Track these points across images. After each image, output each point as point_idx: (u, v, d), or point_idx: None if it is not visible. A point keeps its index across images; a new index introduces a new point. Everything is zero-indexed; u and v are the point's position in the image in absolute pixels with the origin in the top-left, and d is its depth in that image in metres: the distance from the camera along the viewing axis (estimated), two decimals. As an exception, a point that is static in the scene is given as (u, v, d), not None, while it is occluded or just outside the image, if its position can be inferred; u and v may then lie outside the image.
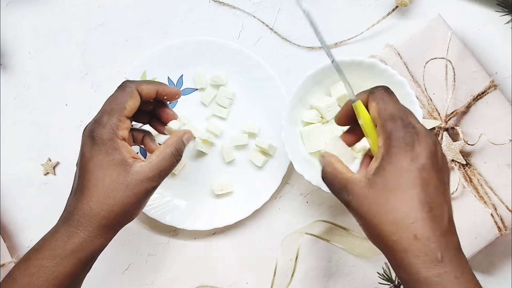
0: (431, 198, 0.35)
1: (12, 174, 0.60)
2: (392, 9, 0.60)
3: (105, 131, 0.42)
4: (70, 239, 0.40)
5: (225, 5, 0.60)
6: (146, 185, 0.42)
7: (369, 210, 0.36)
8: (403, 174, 0.35)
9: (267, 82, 0.58)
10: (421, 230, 0.34)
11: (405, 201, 0.35)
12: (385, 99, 0.38)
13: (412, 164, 0.36)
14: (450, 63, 0.56)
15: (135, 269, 0.60)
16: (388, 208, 0.35)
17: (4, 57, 0.60)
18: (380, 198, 0.36)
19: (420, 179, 0.35)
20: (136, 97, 0.44)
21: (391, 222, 0.35)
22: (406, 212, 0.35)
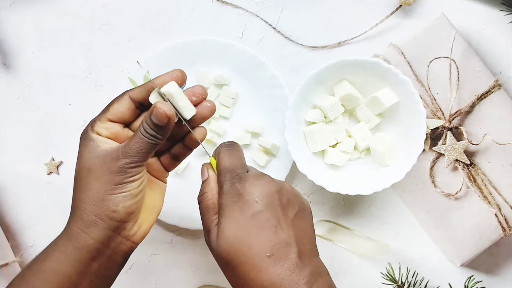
0: (270, 242, 0.36)
1: (16, 174, 0.60)
2: (395, 8, 0.59)
3: (88, 127, 0.42)
4: (59, 235, 0.40)
5: (228, 4, 0.60)
6: (110, 165, 0.39)
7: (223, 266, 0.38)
8: (237, 225, 0.37)
9: (270, 81, 0.58)
10: (266, 277, 0.36)
11: (246, 252, 0.36)
12: (220, 155, 0.41)
13: (243, 214, 0.37)
14: (454, 62, 0.56)
15: (138, 268, 0.60)
16: (236, 263, 0.36)
17: (8, 56, 0.60)
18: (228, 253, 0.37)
19: (255, 227, 0.36)
20: (124, 101, 0.42)
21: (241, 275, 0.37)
22: (250, 263, 0.36)
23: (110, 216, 0.39)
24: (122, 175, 0.39)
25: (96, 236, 0.39)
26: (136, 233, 0.42)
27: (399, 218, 0.60)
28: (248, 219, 0.37)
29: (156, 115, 0.39)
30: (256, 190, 0.38)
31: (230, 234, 0.37)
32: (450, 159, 0.56)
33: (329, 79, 0.55)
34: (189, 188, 0.59)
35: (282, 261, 0.36)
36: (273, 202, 0.38)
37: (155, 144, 0.40)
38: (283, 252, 0.36)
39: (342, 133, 0.56)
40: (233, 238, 0.37)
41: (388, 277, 0.56)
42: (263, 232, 0.36)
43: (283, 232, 0.37)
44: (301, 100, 0.54)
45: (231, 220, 0.37)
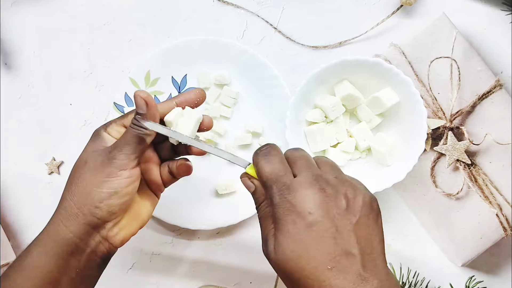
0: (330, 254, 0.34)
1: (17, 173, 0.60)
2: (396, 8, 0.59)
3: (102, 127, 0.43)
4: (45, 227, 0.40)
5: (229, 4, 0.60)
6: (103, 158, 0.39)
7: (284, 278, 0.36)
8: (294, 240, 0.34)
9: (271, 81, 0.58)
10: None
11: (306, 267, 0.34)
12: (259, 164, 0.38)
13: (298, 227, 0.34)
14: (455, 62, 0.56)
15: (139, 268, 0.60)
16: (297, 278, 0.34)
17: (9, 56, 0.60)
18: (287, 266, 0.35)
19: (312, 239, 0.34)
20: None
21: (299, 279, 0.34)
22: (311, 278, 0.34)
23: (92, 211, 0.39)
24: (110, 166, 0.39)
25: (74, 230, 0.39)
26: (115, 235, 0.41)
27: (400, 218, 0.60)
28: (303, 232, 0.34)
29: (136, 102, 0.40)
30: (308, 200, 0.35)
31: (287, 248, 0.34)
32: (451, 159, 0.56)
33: (330, 79, 0.55)
34: (190, 188, 0.59)
35: (344, 273, 0.33)
36: (328, 210, 0.35)
37: (142, 136, 0.40)
38: (345, 264, 0.34)
39: (343, 133, 0.56)
40: (291, 252, 0.34)
41: (389, 277, 0.56)
42: (321, 244, 0.34)
43: (343, 242, 0.34)
44: (302, 100, 0.54)
45: (287, 234, 0.35)
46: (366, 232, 0.35)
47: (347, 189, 0.36)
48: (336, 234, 0.34)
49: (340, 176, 0.37)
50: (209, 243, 0.60)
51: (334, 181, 0.36)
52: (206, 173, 0.59)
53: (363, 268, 0.34)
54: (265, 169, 0.37)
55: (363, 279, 0.33)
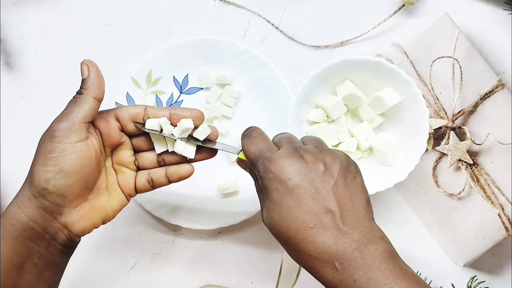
0: (310, 213, 0.36)
1: (17, 173, 0.60)
2: (398, 7, 0.59)
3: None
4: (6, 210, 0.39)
5: (230, 4, 0.60)
6: (45, 134, 0.40)
7: (278, 240, 0.39)
8: (278, 205, 0.37)
9: (272, 81, 0.58)
10: (312, 246, 0.36)
11: (291, 227, 0.37)
12: (245, 145, 0.42)
13: (282, 193, 0.37)
14: (457, 62, 0.56)
15: (140, 268, 0.60)
16: (285, 238, 0.37)
17: (11, 56, 0.60)
18: (276, 230, 0.38)
19: (294, 202, 0.37)
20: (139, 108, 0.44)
21: (292, 249, 0.37)
22: (296, 236, 0.36)
23: (41, 193, 0.38)
24: (52, 142, 0.39)
25: (29, 214, 0.39)
26: (75, 223, 0.40)
27: (401, 218, 0.60)
28: (286, 197, 0.37)
29: (81, 69, 0.42)
30: (287, 167, 0.38)
31: (274, 213, 0.38)
32: (453, 159, 0.56)
33: (332, 78, 0.54)
34: (192, 188, 0.59)
35: (325, 229, 0.36)
36: (307, 175, 0.37)
37: (79, 101, 0.40)
38: (325, 221, 0.36)
39: (345, 132, 0.56)
40: (277, 216, 0.37)
41: (391, 277, 0.56)
42: (302, 205, 0.37)
43: (323, 201, 0.37)
44: (303, 100, 0.54)
45: (272, 201, 0.38)
46: (345, 191, 0.38)
47: (325, 155, 0.39)
48: (316, 195, 0.37)
49: (320, 146, 0.41)
50: (210, 243, 0.60)
51: (313, 150, 0.39)
52: (207, 173, 0.59)
53: (343, 223, 0.36)
54: (250, 150, 0.41)
55: (343, 233, 0.36)
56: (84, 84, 0.41)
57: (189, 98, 0.59)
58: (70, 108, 0.40)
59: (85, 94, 0.41)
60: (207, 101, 0.59)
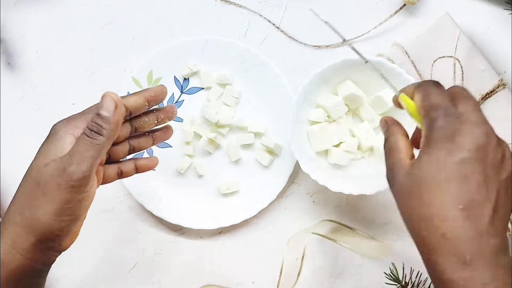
0: (468, 195, 0.32)
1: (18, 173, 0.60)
2: (399, 7, 0.59)
3: (63, 123, 0.38)
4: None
5: (231, 3, 0.60)
6: (59, 179, 0.35)
7: (403, 201, 0.35)
8: (439, 167, 0.33)
9: (273, 81, 0.58)
10: (451, 229, 0.32)
11: (438, 197, 0.33)
12: (429, 90, 0.36)
13: (450, 157, 0.33)
14: (458, 61, 0.56)
15: (141, 267, 0.60)
16: (421, 202, 0.33)
17: (11, 56, 0.60)
18: (415, 190, 0.34)
19: (457, 174, 0.33)
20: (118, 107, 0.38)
21: (422, 218, 0.33)
22: (438, 208, 0.33)
23: (52, 239, 0.36)
24: (71, 192, 0.35)
25: (33, 258, 0.36)
26: (67, 244, 0.39)
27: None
28: (453, 164, 0.33)
29: (104, 102, 0.36)
30: (472, 137, 0.33)
31: (427, 171, 0.33)
32: (454, 159, 0.56)
33: (333, 78, 0.54)
34: (192, 187, 0.59)
35: (473, 219, 0.32)
36: (486, 157, 0.33)
37: (100, 145, 0.36)
38: (477, 211, 0.32)
39: (346, 132, 0.56)
40: (430, 177, 0.33)
41: (392, 277, 0.56)
42: (466, 183, 0.32)
43: (485, 191, 0.33)
44: (304, 100, 0.54)
45: (435, 159, 0.33)
46: (506, 193, 0.34)
47: (506, 147, 0.35)
48: (482, 181, 0.33)
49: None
50: (211, 243, 0.60)
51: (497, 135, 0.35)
52: (208, 173, 0.59)
53: (491, 223, 0.33)
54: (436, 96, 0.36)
55: (488, 233, 0.32)
56: (107, 124, 0.36)
57: (189, 98, 0.59)
58: (89, 150, 0.36)
59: (107, 137, 0.36)
60: (207, 100, 0.59)
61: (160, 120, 0.43)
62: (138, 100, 0.40)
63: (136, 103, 0.40)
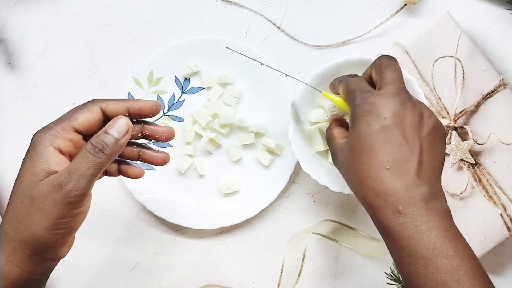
0: (391, 156, 0.37)
1: (20, 173, 0.60)
2: (400, 7, 0.59)
3: (41, 135, 0.37)
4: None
5: (232, 3, 0.60)
6: (55, 195, 0.34)
7: (345, 173, 0.41)
8: (363, 137, 0.38)
9: (274, 81, 0.58)
10: (380, 187, 0.37)
11: (366, 162, 0.38)
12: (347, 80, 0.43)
13: (370, 127, 0.38)
14: (459, 61, 0.56)
15: (142, 267, 0.60)
16: (355, 169, 0.39)
17: (13, 56, 0.60)
18: (350, 161, 0.39)
19: (379, 140, 0.38)
20: (95, 112, 0.38)
21: (358, 181, 0.38)
22: (367, 171, 0.38)
23: (47, 251, 0.36)
24: (66, 207, 0.35)
25: (30, 270, 0.36)
26: (64, 252, 0.39)
27: (403, 218, 0.60)
28: (374, 133, 0.38)
29: (116, 124, 0.37)
30: (386, 106, 0.38)
31: (355, 144, 0.39)
32: (455, 159, 0.56)
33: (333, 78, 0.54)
34: (193, 187, 0.59)
35: (399, 175, 0.37)
36: (402, 120, 0.38)
37: (101, 163, 0.36)
38: (402, 168, 0.37)
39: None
40: (357, 148, 0.38)
41: (392, 277, 0.56)
42: (386, 146, 0.37)
43: (407, 150, 0.37)
44: (305, 100, 0.54)
45: (358, 133, 0.38)
46: (429, 148, 0.38)
47: (424, 108, 0.40)
48: (403, 141, 0.38)
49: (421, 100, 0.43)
50: (212, 243, 0.60)
51: (415, 99, 0.40)
52: (209, 173, 0.59)
53: (418, 175, 0.37)
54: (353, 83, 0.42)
55: (415, 183, 0.37)
56: (113, 145, 0.36)
57: (190, 98, 0.59)
58: (90, 168, 0.35)
59: (109, 157, 0.36)
60: (208, 99, 0.59)
61: (146, 136, 0.41)
62: (118, 107, 0.39)
63: (115, 110, 0.39)
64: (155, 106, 0.40)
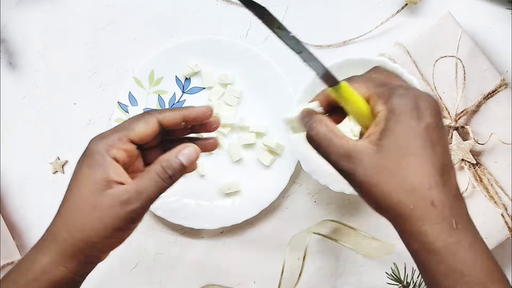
0: (441, 160, 0.33)
1: (21, 173, 0.60)
2: (401, 7, 0.59)
3: (98, 143, 0.37)
4: (32, 265, 0.36)
5: (232, 3, 0.60)
6: (119, 209, 0.35)
7: (380, 179, 0.33)
8: (412, 134, 0.32)
9: (274, 80, 0.58)
10: (437, 196, 0.32)
11: (419, 165, 0.32)
12: (376, 71, 0.37)
13: (420, 124, 0.32)
14: (460, 61, 0.56)
15: (142, 267, 0.60)
16: (403, 174, 0.32)
17: (13, 56, 0.60)
18: (392, 163, 0.32)
19: (429, 140, 0.32)
20: (152, 123, 0.38)
21: (407, 189, 0.32)
22: (422, 177, 0.32)
23: (98, 257, 0.38)
24: (127, 222, 0.36)
25: (75, 271, 0.37)
26: (106, 256, 0.39)
27: (404, 218, 0.60)
28: (423, 131, 0.32)
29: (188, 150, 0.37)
30: (429, 104, 0.33)
31: (403, 140, 0.32)
32: (456, 159, 0.56)
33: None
34: (194, 187, 0.59)
35: (448, 183, 0.32)
36: (440, 121, 0.34)
37: (167, 188, 0.37)
38: (449, 175, 0.33)
39: (347, 132, 0.55)
40: (405, 146, 0.32)
41: (393, 277, 0.55)
42: (436, 148, 0.32)
43: (448, 155, 0.34)
44: (306, 100, 0.54)
45: (407, 128, 0.33)
46: (450, 155, 0.35)
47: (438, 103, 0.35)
48: (445, 146, 0.34)
49: None
50: (212, 243, 0.60)
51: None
52: (210, 173, 0.59)
53: (457, 184, 0.33)
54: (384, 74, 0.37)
55: (458, 194, 0.33)
56: (181, 173, 0.37)
57: (191, 98, 0.59)
58: (156, 193, 0.36)
59: (175, 182, 0.37)
60: (208, 99, 0.59)
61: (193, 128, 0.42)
62: (174, 117, 0.39)
63: (171, 120, 0.39)
64: (209, 111, 0.40)
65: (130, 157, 0.38)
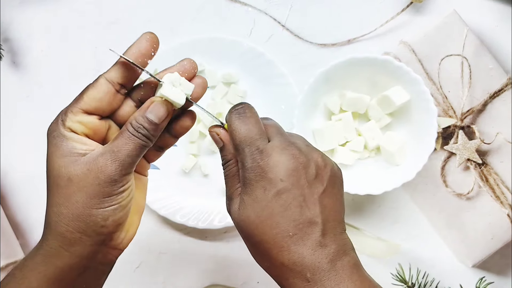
0: (293, 222, 0.34)
1: (25, 172, 0.60)
2: (406, 5, 0.59)
3: (53, 123, 0.36)
4: (37, 252, 0.36)
5: (236, 2, 0.60)
6: (96, 173, 0.34)
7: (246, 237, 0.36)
8: (259, 205, 0.34)
9: (278, 79, 0.57)
10: (287, 256, 0.34)
11: (268, 232, 0.34)
12: (234, 124, 0.37)
13: (266, 193, 0.34)
14: (466, 60, 0.55)
15: (146, 267, 0.60)
16: (256, 241, 0.35)
17: (17, 55, 0.60)
18: (248, 231, 0.35)
19: (278, 206, 0.34)
20: (100, 86, 0.37)
21: (260, 253, 0.35)
22: (271, 242, 0.34)
23: (98, 231, 0.35)
24: (112, 185, 0.34)
25: (81, 254, 0.35)
26: (123, 240, 0.38)
27: (409, 218, 0.59)
28: (271, 199, 0.34)
29: (154, 108, 0.35)
30: (280, 166, 0.34)
31: (253, 212, 0.35)
32: (462, 159, 0.55)
33: (338, 77, 0.54)
34: (198, 187, 0.59)
35: (305, 240, 0.34)
36: (299, 179, 0.34)
37: (146, 146, 0.35)
38: (306, 231, 0.34)
39: (352, 131, 0.55)
40: (256, 217, 0.34)
41: (398, 278, 0.55)
42: (287, 212, 0.34)
43: (308, 211, 0.34)
44: (310, 99, 0.54)
45: (255, 199, 0.34)
46: (331, 201, 0.36)
47: (317, 158, 0.36)
48: (303, 203, 0.34)
49: (309, 144, 0.38)
50: (216, 242, 0.60)
51: (306, 149, 0.36)
52: (213, 172, 0.59)
53: (323, 235, 0.34)
54: (239, 131, 0.36)
55: (322, 245, 0.34)
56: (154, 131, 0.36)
57: (195, 97, 0.59)
58: (135, 150, 0.35)
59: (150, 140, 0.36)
60: (212, 99, 0.59)
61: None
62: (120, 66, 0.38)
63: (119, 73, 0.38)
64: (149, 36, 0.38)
65: (91, 129, 0.36)
